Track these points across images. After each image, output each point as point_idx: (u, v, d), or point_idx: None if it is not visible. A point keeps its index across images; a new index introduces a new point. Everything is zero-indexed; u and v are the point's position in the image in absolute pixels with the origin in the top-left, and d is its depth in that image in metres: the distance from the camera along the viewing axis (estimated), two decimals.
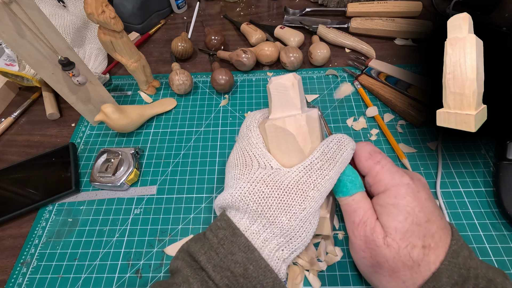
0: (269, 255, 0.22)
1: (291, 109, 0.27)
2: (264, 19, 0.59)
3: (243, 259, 0.21)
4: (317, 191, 0.24)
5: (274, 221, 0.23)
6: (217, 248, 0.22)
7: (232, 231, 0.23)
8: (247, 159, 0.26)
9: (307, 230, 0.23)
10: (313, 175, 0.24)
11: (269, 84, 0.28)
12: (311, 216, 0.24)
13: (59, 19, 0.48)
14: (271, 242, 0.23)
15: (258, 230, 0.23)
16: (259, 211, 0.23)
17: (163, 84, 0.48)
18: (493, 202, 0.33)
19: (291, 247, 0.23)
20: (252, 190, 0.24)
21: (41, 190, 0.36)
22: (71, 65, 0.33)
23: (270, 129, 0.26)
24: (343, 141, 0.26)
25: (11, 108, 0.47)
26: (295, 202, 0.23)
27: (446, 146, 0.37)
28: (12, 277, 0.31)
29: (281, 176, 0.24)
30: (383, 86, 0.42)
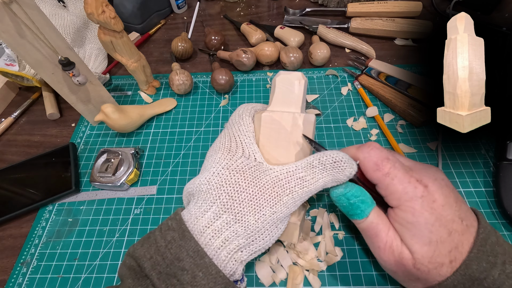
0: (227, 257, 0.21)
1: (291, 106, 0.27)
2: (264, 19, 0.59)
3: (192, 265, 0.20)
4: (292, 199, 0.23)
5: (241, 219, 0.22)
6: (163, 252, 0.20)
7: (182, 233, 0.21)
8: (233, 145, 0.25)
9: (272, 234, 0.23)
10: (292, 182, 0.23)
11: (276, 76, 0.28)
12: (279, 221, 0.23)
13: (59, 19, 0.48)
14: (232, 242, 0.21)
15: (221, 228, 0.22)
16: (229, 205, 0.22)
17: (163, 84, 0.48)
18: (493, 202, 0.33)
19: (251, 249, 0.22)
20: (230, 179, 0.23)
21: (41, 190, 0.36)
22: (71, 65, 0.33)
23: (266, 119, 0.26)
24: (342, 163, 0.23)
25: (11, 108, 0.47)
26: (267, 204, 0.23)
27: (446, 146, 0.37)
28: (12, 277, 0.31)
29: (261, 171, 0.24)
30: (383, 86, 0.42)
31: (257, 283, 0.30)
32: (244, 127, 0.27)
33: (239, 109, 0.29)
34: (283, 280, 0.30)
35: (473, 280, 0.20)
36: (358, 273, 0.30)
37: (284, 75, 0.28)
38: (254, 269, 0.30)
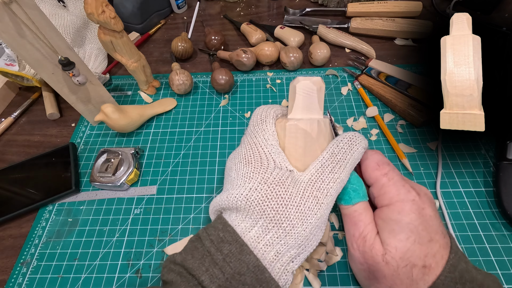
0: (280, 269, 0.21)
1: (313, 113, 0.27)
2: (264, 19, 0.59)
3: (253, 280, 0.20)
4: (330, 197, 0.23)
5: (291, 231, 0.21)
6: (222, 266, 0.20)
7: (240, 247, 0.21)
8: (262, 157, 0.24)
9: (317, 237, 0.23)
10: (326, 179, 0.23)
11: (295, 82, 0.27)
12: (322, 222, 0.23)
13: (59, 19, 0.48)
14: (285, 255, 0.21)
15: (272, 242, 0.21)
16: (276, 219, 0.21)
17: (163, 84, 0.48)
18: (493, 202, 0.33)
19: (302, 257, 0.22)
20: (271, 193, 0.22)
21: (41, 190, 0.36)
22: (71, 65, 0.33)
23: (291, 129, 0.26)
24: (354, 139, 0.24)
25: (11, 108, 0.47)
26: (310, 210, 0.22)
27: (446, 146, 0.37)
28: (12, 277, 0.31)
29: (296, 180, 0.23)
30: (383, 86, 0.42)
31: None
32: (269, 135, 0.26)
33: (260, 113, 0.28)
34: None
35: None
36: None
37: (304, 81, 0.27)
38: None
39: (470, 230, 0.31)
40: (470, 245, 0.30)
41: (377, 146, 0.38)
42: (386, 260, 0.21)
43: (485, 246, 0.30)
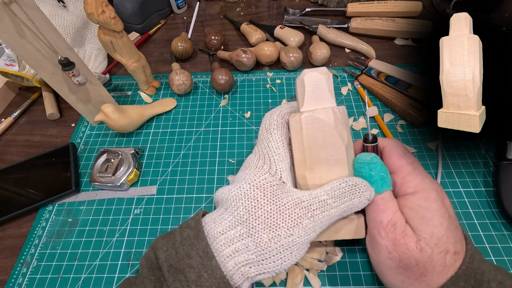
0: (233, 268, 0.21)
1: (325, 102, 0.26)
2: (264, 19, 0.59)
3: (199, 264, 0.20)
4: (312, 222, 0.22)
5: (254, 234, 0.21)
6: (177, 247, 0.21)
7: (197, 232, 0.21)
8: (260, 162, 0.25)
9: (284, 259, 0.22)
10: (314, 205, 0.22)
11: (302, 76, 0.27)
12: (295, 246, 0.22)
13: (59, 19, 0.48)
14: (241, 255, 0.21)
15: (233, 238, 0.21)
16: (244, 218, 0.22)
17: (163, 84, 0.48)
18: (493, 202, 0.33)
19: (260, 269, 0.21)
20: (249, 194, 0.23)
21: (41, 190, 0.36)
22: (71, 65, 0.33)
23: (308, 121, 0.25)
24: (360, 187, 0.23)
25: (11, 108, 0.47)
26: (284, 225, 0.22)
27: (446, 146, 0.37)
28: (12, 277, 0.31)
29: (283, 191, 0.23)
30: (383, 86, 0.42)
31: (257, 283, 0.30)
32: (274, 143, 0.26)
33: (265, 121, 0.28)
34: (283, 280, 0.30)
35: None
36: (358, 273, 0.30)
37: (311, 72, 0.27)
38: None
39: (470, 230, 0.31)
40: None
41: None
42: (420, 246, 0.21)
43: (485, 246, 0.30)
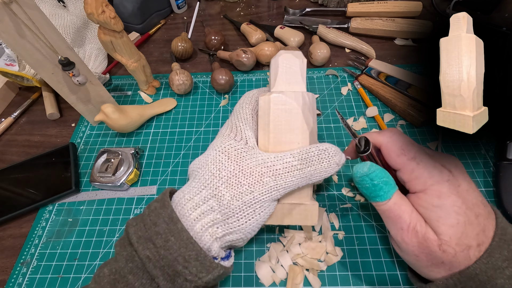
0: (201, 230, 0.22)
1: (296, 86, 0.26)
2: (264, 19, 0.59)
3: (165, 230, 0.21)
4: (273, 181, 0.23)
5: (217, 194, 0.22)
6: (145, 219, 0.22)
7: (163, 203, 0.23)
8: (227, 130, 0.26)
9: (249, 216, 0.22)
10: (278, 165, 0.23)
11: (278, 56, 0.27)
12: (258, 204, 0.22)
13: (59, 19, 0.48)
14: (207, 216, 0.22)
15: (198, 202, 0.22)
16: (209, 181, 0.23)
17: (163, 84, 0.48)
18: (493, 202, 0.33)
19: (226, 228, 0.22)
20: (215, 159, 0.24)
21: (41, 190, 0.36)
22: (71, 65, 0.33)
23: (276, 100, 0.25)
24: (328, 151, 0.24)
25: (11, 108, 0.47)
26: (246, 182, 0.22)
27: (446, 146, 0.37)
28: (12, 277, 0.31)
29: (249, 154, 0.24)
30: (383, 86, 0.42)
31: (257, 283, 0.30)
32: (242, 114, 0.27)
33: (242, 99, 0.29)
34: (283, 280, 0.30)
35: (495, 268, 0.20)
36: (358, 273, 0.30)
37: (286, 53, 0.27)
38: (254, 269, 0.30)
39: None
40: None
41: None
42: (443, 249, 0.21)
43: None
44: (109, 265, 0.22)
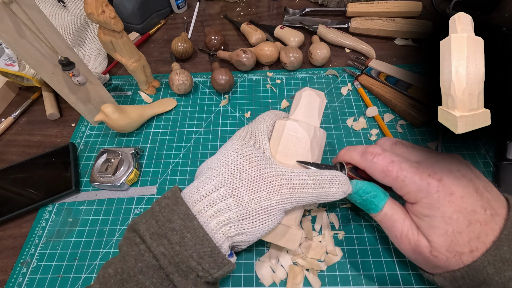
0: (215, 227, 0.22)
1: (312, 120, 0.30)
2: (264, 19, 0.59)
3: (181, 226, 0.21)
4: (290, 193, 0.24)
5: (236, 194, 0.23)
6: (157, 216, 0.22)
7: (175, 200, 0.23)
8: (247, 137, 0.27)
9: (262, 220, 0.23)
10: (296, 180, 0.24)
11: (303, 90, 0.31)
12: (273, 211, 0.24)
13: (59, 19, 0.48)
14: (223, 214, 0.23)
15: (216, 199, 0.23)
16: (229, 180, 0.24)
17: (163, 84, 0.48)
18: None
19: (239, 228, 0.23)
20: (235, 160, 0.25)
21: (41, 190, 0.36)
22: (71, 65, 0.33)
23: (290, 126, 0.28)
24: (339, 179, 0.25)
25: (11, 108, 0.47)
26: (265, 189, 0.23)
27: (446, 146, 0.37)
28: (12, 277, 0.31)
29: (267, 163, 0.25)
30: (383, 86, 0.42)
31: (257, 283, 0.30)
32: (263, 125, 0.29)
33: (264, 113, 0.31)
34: (283, 280, 0.30)
35: (503, 261, 0.20)
36: (358, 273, 0.30)
37: (310, 91, 0.31)
38: (254, 269, 0.30)
39: None
40: None
41: None
42: (434, 255, 0.22)
43: None
44: (113, 265, 0.21)
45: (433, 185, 0.22)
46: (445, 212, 0.22)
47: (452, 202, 0.22)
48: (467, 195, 0.22)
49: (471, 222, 0.21)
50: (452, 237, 0.21)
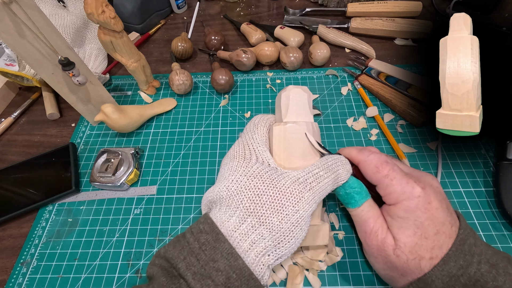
0: (255, 260, 0.21)
1: (304, 116, 0.30)
2: (264, 19, 0.59)
3: (226, 266, 0.20)
4: (312, 195, 0.24)
5: (265, 221, 0.22)
6: (198, 254, 0.21)
7: (216, 236, 0.21)
8: (247, 153, 0.26)
9: (297, 235, 0.23)
10: (310, 179, 0.24)
11: (288, 91, 0.31)
12: (303, 221, 0.23)
13: (59, 19, 0.48)
14: (259, 245, 0.22)
15: (247, 231, 0.22)
16: (252, 209, 0.22)
17: (163, 84, 0.48)
18: (493, 202, 0.33)
19: (278, 253, 0.22)
20: (248, 185, 0.23)
21: (41, 190, 0.36)
22: (71, 65, 0.33)
23: (292, 130, 0.28)
24: (341, 160, 0.27)
25: (11, 108, 0.47)
26: (289, 203, 0.23)
27: (446, 146, 0.37)
28: (12, 277, 0.31)
29: (278, 175, 0.24)
30: (383, 86, 0.42)
31: None
32: (258, 135, 0.28)
33: (255, 119, 0.30)
34: (283, 280, 0.30)
35: (450, 276, 0.21)
36: (358, 273, 0.30)
37: (296, 89, 0.31)
38: None
39: None
40: None
41: (377, 146, 0.38)
42: (396, 253, 0.23)
43: None
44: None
45: (417, 190, 0.24)
46: (419, 216, 0.23)
47: (428, 210, 0.23)
48: (441, 208, 0.23)
49: (439, 232, 0.23)
50: (418, 240, 0.23)
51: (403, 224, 0.24)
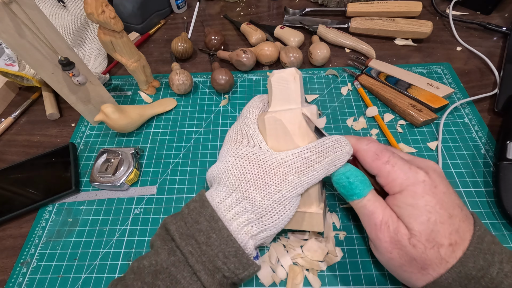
0: (237, 228, 0.23)
1: (291, 103, 0.27)
2: (264, 19, 0.59)
3: (207, 227, 0.22)
4: (297, 178, 0.24)
5: (248, 196, 0.24)
6: (186, 218, 0.23)
7: (202, 203, 0.24)
8: (239, 137, 0.28)
9: (280, 213, 0.24)
10: (298, 162, 0.24)
11: (271, 76, 0.28)
12: (287, 200, 0.24)
13: (59, 19, 0.48)
14: (242, 216, 0.24)
15: (231, 204, 0.24)
16: (236, 185, 0.24)
17: (163, 84, 0.48)
18: (493, 202, 0.33)
19: (261, 225, 0.24)
20: (235, 164, 0.25)
21: (41, 190, 0.36)
22: (71, 65, 0.33)
23: (270, 121, 0.27)
24: (340, 141, 0.25)
25: (11, 108, 0.47)
26: (272, 182, 0.24)
27: (446, 146, 0.37)
28: (12, 277, 0.31)
29: (266, 156, 0.25)
30: (383, 86, 0.42)
31: (257, 283, 0.30)
32: (250, 119, 0.29)
33: (249, 102, 0.31)
34: (283, 280, 0.30)
35: (469, 278, 0.20)
36: (358, 273, 0.30)
37: (278, 73, 0.28)
38: None
39: None
40: None
41: None
42: (412, 243, 0.21)
43: None
44: (148, 258, 0.23)
45: (420, 175, 0.23)
46: (429, 201, 0.22)
47: (436, 194, 0.22)
48: (448, 192, 0.23)
49: (452, 216, 0.22)
50: (433, 226, 0.21)
51: (414, 212, 0.22)
